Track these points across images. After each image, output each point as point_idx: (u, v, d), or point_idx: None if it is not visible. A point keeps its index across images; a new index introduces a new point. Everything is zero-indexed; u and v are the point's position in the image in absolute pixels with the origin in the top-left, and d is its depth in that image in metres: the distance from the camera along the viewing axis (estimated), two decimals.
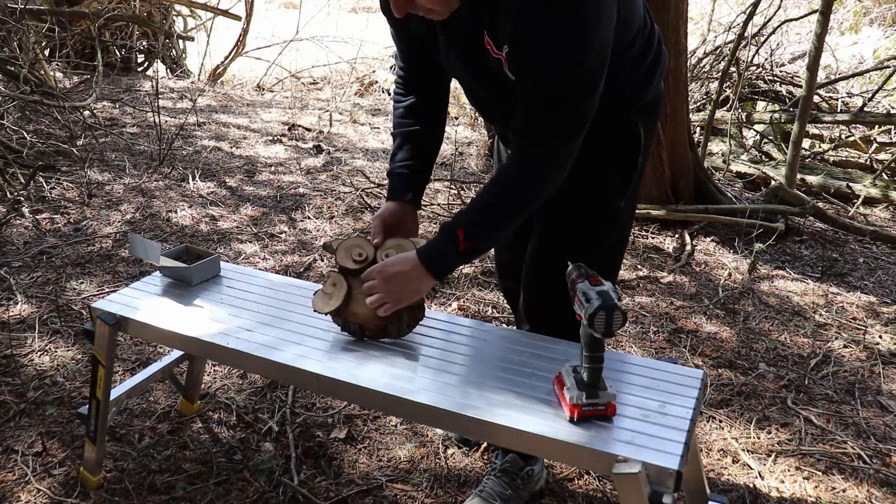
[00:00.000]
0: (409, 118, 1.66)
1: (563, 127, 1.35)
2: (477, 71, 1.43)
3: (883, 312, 2.96)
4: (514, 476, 1.78)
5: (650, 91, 1.56)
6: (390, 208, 1.63)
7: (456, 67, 1.49)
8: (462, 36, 1.38)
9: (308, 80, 7.30)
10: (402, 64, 1.67)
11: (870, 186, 4.29)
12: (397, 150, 1.66)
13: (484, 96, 1.55)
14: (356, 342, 1.53)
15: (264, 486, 1.86)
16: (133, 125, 5.12)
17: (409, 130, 1.66)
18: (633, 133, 1.55)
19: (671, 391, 1.37)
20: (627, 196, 1.59)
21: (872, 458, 2.05)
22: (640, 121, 1.55)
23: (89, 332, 1.69)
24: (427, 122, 1.67)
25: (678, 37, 3.47)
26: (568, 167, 1.41)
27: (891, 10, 8.82)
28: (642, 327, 2.74)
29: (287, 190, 4.09)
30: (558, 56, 1.26)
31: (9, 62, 4.75)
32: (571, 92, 1.31)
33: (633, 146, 1.55)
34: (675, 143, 3.68)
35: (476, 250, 1.44)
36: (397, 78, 1.70)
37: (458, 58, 1.44)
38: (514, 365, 1.44)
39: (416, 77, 1.66)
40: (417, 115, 1.66)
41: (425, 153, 1.68)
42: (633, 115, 1.54)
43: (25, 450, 1.95)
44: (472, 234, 1.41)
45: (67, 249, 3.14)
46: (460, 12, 1.33)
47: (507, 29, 1.28)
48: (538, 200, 1.42)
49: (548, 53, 1.26)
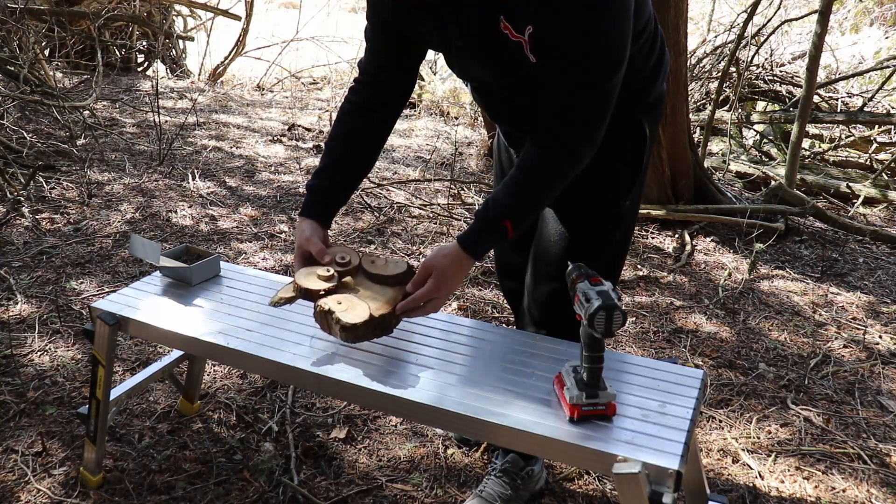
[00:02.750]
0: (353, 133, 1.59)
1: (593, 106, 1.34)
2: (494, 60, 1.39)
3: (883, 312, 2.96)
4: (514, 476, 1.78)
5: (655, 90, 1.56)
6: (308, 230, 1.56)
7: (470, 61, 1.44)
8: (477, 23, 1.34)
9: (308, 80, 7.30)
10: (365, 66, 1.59)
11: (869, 186, 4.29)
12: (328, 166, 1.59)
13: (497, 91, 1.53)
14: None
15: (264, 486, 1.86)
16: (133, 125, 5.12)
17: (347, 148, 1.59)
18: (639, 132, 1.55)
19: (671, 391, 1.37)
20: (632, 195, 1.59)
21: (872, 458, 2.05)
22: (645, 119, 1.55)
23: (89, 332, 1.69)
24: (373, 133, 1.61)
25: (678, 37, 3.47)
26: (599, 141, 1.40)
27: (891, 10, 8.82)
28: (642, 327, 2.74)
29: (287, 190, 4.09)
30: (586, 31, 1.25)
31: (9, 62, 4.75)
32: (598, 69, 1.29)
33: (639, 145, 1.55)
34: (675, 143, 3.68)
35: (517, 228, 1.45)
36: (354, 84, 1.61)
37: (475, 47, 1.38)
38: (514, 365, 1.44)
39: (379, 79, 1.59)
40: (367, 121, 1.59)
41: (356, 175, 1.64)
42: (639, 113, 1.54)
43: (25, 450, 1.95)
44: (516, 223, 1.42)
45: (67, 249, 3.14)
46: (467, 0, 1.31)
47: (530, 8, 1.26)
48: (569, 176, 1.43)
49: (576, 29, 1.25)
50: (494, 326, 1.66)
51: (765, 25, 5.12)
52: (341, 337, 1.41)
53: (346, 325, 1.38)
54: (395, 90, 1.61)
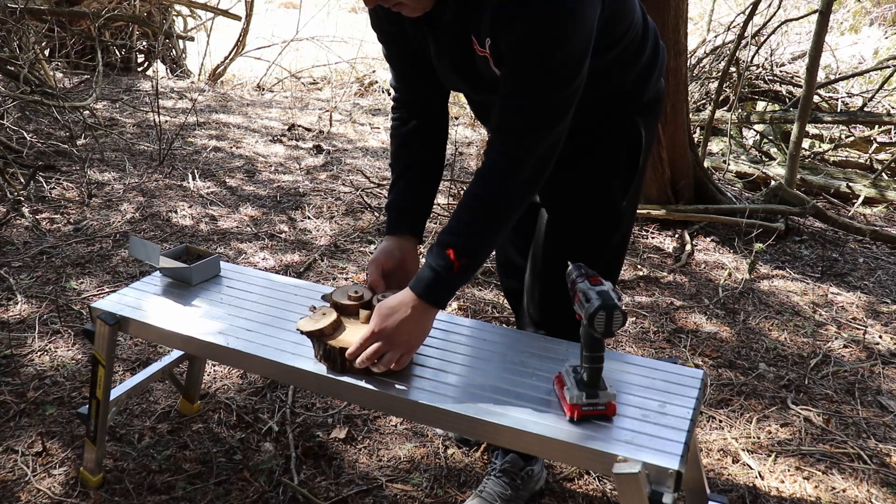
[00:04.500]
0: (408, 146, 1.59)
1: (540, 116, 1.30)
2: (469, 75, 1.40)
3: (883, 312, 2.96)
4: (514, 476, 1.78)
5: (649, 89, 1.55)
6: (387, 248, 1.54)
7: (450, 77, 1.46)
8: (450, 41, 1.36)
9: (308, 80, 7.30)
10: (397, 84, 1.60)
11: (869, 186, 4.29)
12: (396, 182, 1.58)
13: (480, 101, 1.54)
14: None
15: (264, 486, 1.86)
16: (133, 125, 5.12)
17: (408, 161, 1.58)
18: (635, 133, 1.53)
19: (671, 391, 1.37)
20: (630, 196, 1.58)
21: (872, 458, 2.05)
22: (640, 120, 1.54)
23: (89, 332, 1.69)
24: (428, 148, 1.61)
25: (678, 37, 3.47)
26: (552, 158, 1.34)
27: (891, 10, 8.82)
28: (642, 327, 2.74)
29: (287, 190, 4.09)
30: (539, 41, 1.23)
31: (9, 62, 4.75)
32: (551, 77, 1.27)
33: (635, 146, 1.54)
34: (675, 143, 3.68)
35: (473, 265, 1.35)
36: (394, 102, 1.62)
37: (451, 65, 1.41)
38: (514, 365, 1.44)
39: (412, 96, 1.59)
40: (417, 140, 1.59)
41: (426, 183, 1.60)
42: (633, 114, 1.53)
43: (25, 450, 1.95)
44: (462, 249, 1.32)
45: (67, 249, 3.14)
46: (445, 17, 1.32)
47: (488, 23, 1.26)
48: (523, 195, 1.34)
49: (529, 40, 1.23)
50: (494, 326, 1.66)
51: (765, 25, 5.12)
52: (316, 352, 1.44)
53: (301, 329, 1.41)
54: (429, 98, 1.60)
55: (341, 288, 1.54)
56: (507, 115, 1.32)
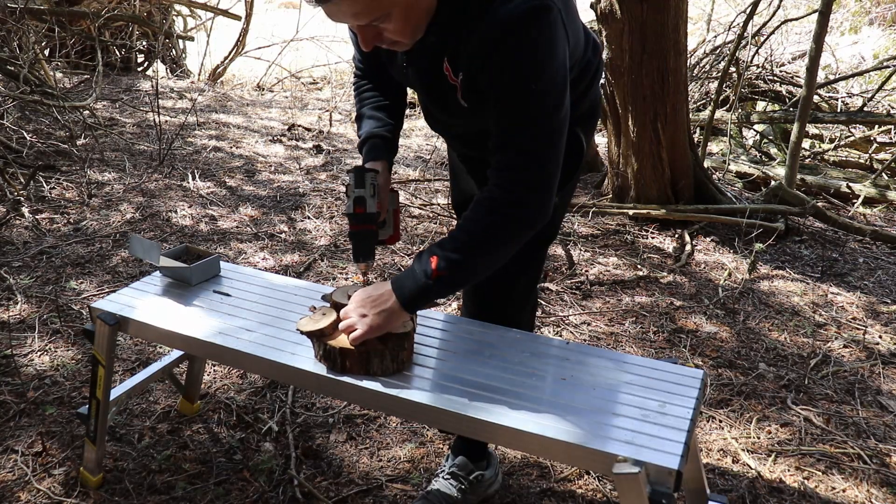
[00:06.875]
0: (372, 90, 1.67)
1: (530, 150, 1.32)
2: (433, 93, 1.45)
3: (882, 312, 2.96)
4: (461, 480, 1.77)
5: (587, 99, 1.59)
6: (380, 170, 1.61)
7: (414, 84, 1.50)
8: (422, 59, 1.40)
9: (308, 80, 7.30)
10: (361, 64, 1.69)
11: (869, 186, 4.29)
12: (372, 116, 1.65)
13: (434, 112, 1.56)
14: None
15: (264, 486, 1.86)
16: (133, 125, 5.12)
17: (379, 102, 1.66)
18: (576, 143, 1.56)
19: (671, 391, 1.37)
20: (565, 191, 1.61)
21: (872, 458, 2.05)
22: (580, 129, 1.57)
23: (89, 332, 1.69)
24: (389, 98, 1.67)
25: (678, 37, 3.47)
26: (551, 192, 1.35)
27: (891, 10, 8.82)
28: (642, 327, 2.74)
29: (287, 190, 4.09)
30: (515, 75, 1.27)
31: (9, 62, 4.75)
32: (533, 110, 1.30)
33: (576, 155, 1.57)
34: (675, 143, 3.68)
35: (450, 281, 1.34)
36: (356, 71, 1.70)
37: (417, 79, 1.46)
38: (514, 365, 1.44)
39: (375, 74, 1.68)
40: (380, 89, 1.67)
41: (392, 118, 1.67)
42: (574, 126, 1.51)
43: (25, 450, 1.95)
44: (444, 259, 1.32)
45: (67, 249, 3.14)
46: (424, 40, 1.34)
47: (466, 58, 1.31)
48: (519, 229, 1.35)
49: (506, 75, 1.28)
50: (494, 327, 1.66)
51: (765, 25, 5.13)
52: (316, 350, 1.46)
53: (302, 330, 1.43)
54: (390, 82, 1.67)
55: (341, 288, 1.54)
56: (500, 152, 1.35)
